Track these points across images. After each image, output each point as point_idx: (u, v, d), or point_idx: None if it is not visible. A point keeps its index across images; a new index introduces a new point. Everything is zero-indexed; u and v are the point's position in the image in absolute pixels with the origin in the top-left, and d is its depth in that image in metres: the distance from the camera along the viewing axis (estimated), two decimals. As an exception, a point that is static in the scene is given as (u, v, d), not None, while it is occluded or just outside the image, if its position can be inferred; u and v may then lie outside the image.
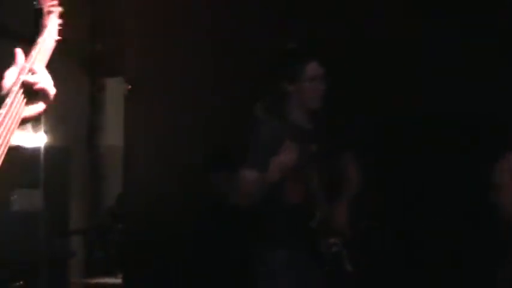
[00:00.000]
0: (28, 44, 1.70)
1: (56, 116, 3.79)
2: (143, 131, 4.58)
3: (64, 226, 6.48)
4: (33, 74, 1.59)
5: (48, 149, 4.87)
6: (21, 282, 4.10)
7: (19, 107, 1.56)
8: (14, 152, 1.57)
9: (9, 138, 1.50)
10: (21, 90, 1.57)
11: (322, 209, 3.25)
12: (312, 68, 3.29)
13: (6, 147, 1.50)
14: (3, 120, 1.50)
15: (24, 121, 1.59)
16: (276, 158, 3.12)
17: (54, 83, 1.66)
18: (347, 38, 3.97)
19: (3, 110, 1.52)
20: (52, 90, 1.63)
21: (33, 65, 1.62)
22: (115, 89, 4.78)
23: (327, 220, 3.25)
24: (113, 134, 6.84)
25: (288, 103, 3.34)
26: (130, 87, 4.59)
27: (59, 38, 1.78)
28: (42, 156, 4.75)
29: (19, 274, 4.20)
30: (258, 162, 3.17)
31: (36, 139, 4.81)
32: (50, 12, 1.79)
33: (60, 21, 1.81)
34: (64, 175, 6.53)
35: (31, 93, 1.59)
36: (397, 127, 3.91)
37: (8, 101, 1.54)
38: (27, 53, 1.67)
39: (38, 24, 1.76)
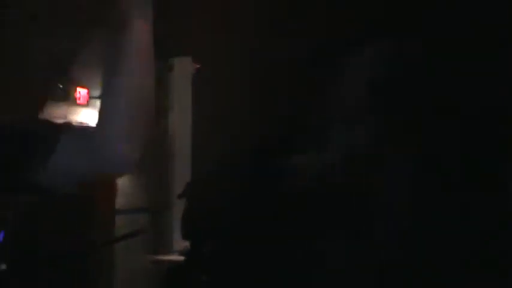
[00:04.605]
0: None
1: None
2: (211, 111, 4.55)
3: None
4: None
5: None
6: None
7: None
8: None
9: None
10: None
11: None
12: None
13: None
14: None
15: None
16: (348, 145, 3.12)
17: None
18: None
19: None
20: None
21: None
22: (184, 69, 4.76)
23: None
24: (181, 115, 6.87)
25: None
26: (198, 67, 4.56)
27: None
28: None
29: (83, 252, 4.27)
30: (322, 147, 3.16)
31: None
32: None
33: None
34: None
35: None
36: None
37: None
38: None
39: None
